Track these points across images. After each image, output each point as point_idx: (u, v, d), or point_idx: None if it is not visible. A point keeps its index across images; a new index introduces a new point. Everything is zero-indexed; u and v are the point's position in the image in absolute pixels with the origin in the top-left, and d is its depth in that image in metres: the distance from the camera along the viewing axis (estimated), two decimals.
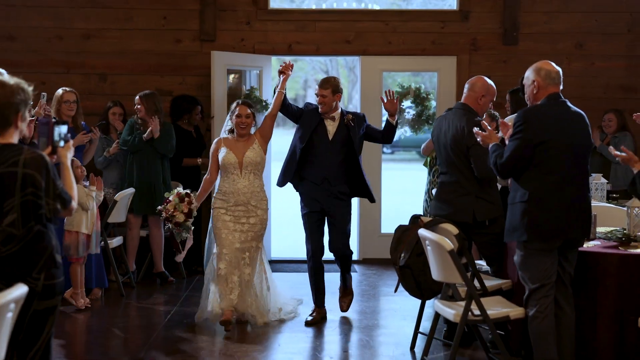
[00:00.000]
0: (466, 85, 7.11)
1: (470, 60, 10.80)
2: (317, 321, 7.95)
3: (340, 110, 7.96)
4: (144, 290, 9.33)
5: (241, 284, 7.63)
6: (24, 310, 4.25)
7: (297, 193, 8.11)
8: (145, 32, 10.77)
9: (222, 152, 7.73)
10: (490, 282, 6.71)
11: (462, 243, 6.50)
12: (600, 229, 6.89)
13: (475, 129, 6.27)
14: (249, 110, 7.79)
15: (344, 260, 8.08)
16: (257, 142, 7.81)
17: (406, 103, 11.06)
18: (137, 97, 9.43)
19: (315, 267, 7.97)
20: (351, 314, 8.27)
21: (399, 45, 10.94)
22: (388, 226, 10.46)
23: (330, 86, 7.79)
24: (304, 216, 7.96)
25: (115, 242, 9.16)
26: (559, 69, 6.06)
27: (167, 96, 10.70)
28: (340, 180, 7.87)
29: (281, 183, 8.10)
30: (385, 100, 7.96)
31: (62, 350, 7.06)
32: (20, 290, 3.93)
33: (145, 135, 9.21)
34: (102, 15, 10.73)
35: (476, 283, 6.49)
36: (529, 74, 6.05)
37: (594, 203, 7.93)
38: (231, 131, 7.85)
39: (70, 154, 4.64)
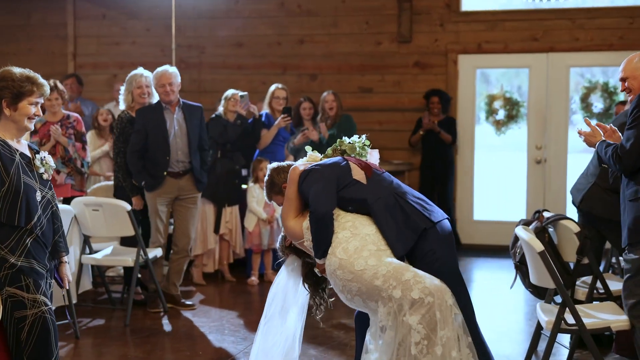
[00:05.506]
0: None
1: None
2: None
3: None
4: None
5: None
6: None
7: None
8: (350, 36, 9.71)
9: None
10: (618, 286, 5.02)
11: (583, 242, 4.88)
12: None
13: (578, 128, 4.60)
14: None
15: None
16: None
17: (594, 98, 9.24)
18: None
19: None
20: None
21: (586, 41, 9.08)
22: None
23: None
24: None
25: None
26: None
27: (368, 92, 9.63)
28: None
29: None
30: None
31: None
32: None
33: None
34: (313, 23, 9.81)
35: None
36: None
37: None
38: None
39: None
